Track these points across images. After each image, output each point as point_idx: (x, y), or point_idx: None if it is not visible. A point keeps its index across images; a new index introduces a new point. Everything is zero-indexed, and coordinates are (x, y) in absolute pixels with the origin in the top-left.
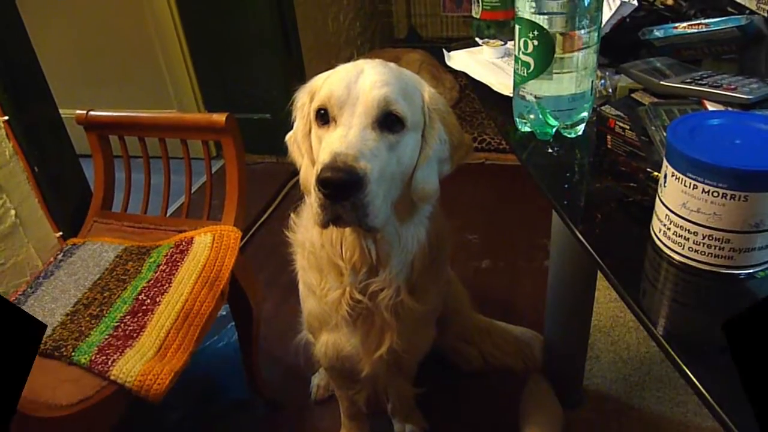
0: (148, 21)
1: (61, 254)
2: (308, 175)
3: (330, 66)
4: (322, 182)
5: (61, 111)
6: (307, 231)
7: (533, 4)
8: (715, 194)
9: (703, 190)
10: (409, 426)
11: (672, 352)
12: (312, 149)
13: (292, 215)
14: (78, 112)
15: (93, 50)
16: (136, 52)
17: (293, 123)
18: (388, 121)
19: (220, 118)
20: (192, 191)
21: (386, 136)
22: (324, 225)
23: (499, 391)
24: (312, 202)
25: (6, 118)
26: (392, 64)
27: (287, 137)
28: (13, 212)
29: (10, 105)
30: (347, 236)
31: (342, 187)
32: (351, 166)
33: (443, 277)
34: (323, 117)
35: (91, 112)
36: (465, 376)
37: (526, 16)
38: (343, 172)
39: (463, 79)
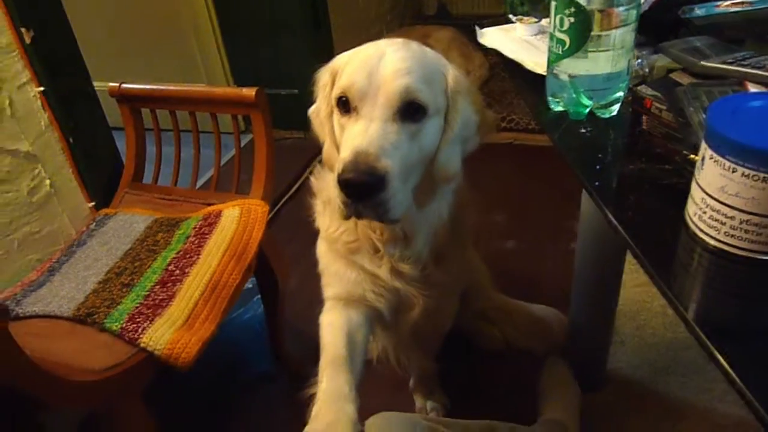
0: None
1: (94, 224)
2: (331, 155)
3: (359, 42)
4: (344, 183)
5: (94, 83)
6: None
7: None
8: (756, 178)
9: (743, 173)
10: (431, 402)
11: (703, 337)
12: (334, 133)
13: (312, 180)
14: (111, 84)
15: (125, 24)
16: (168, 26)
17: (315, 99)
18: (410, 110)
19: (249, 92)
20: (221, 165)
21: (408, 126)
22: (346, 218)
23: (519, 371)
24: (334, 196)
25: (42, 89)
26: (414, 45)
27: (310, 111)
28: (48, 182)
29: (46, 76)
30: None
31: (363, 188)
32: (372, 166)
33: (467, 247)
34: (345, 105)
35: (124, 85)
36: (486, 356)
37: None
38: (364, 174)
39: (493, 57)
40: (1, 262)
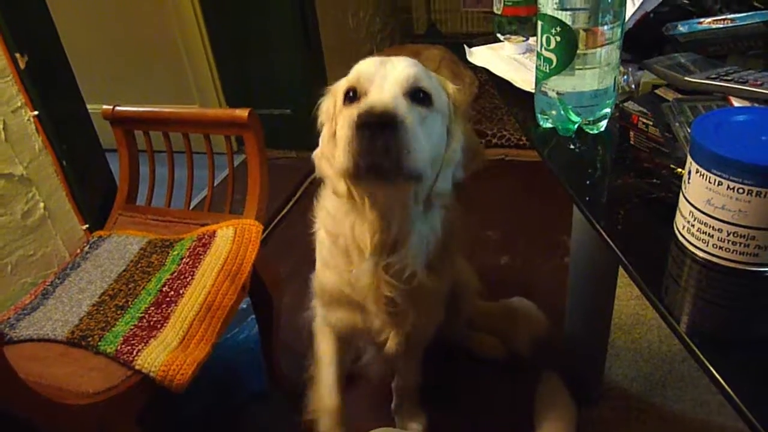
0: (171, 18)
1: (88, 246)
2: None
3: (351, 62)
4: (361, 120)
5: (88, 106)
6: (329, 216)
7: (556, 0)
8: (741, 191)
9: (729, 186)
10: (414, 424)
11: (695, 349)
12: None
13: (315, 202)
14: (104, 107)
15: (119, 47)
16: (160, 48)
17: (318, 135)
18: (417, 95)
19: (242, 113)
20: (214, 185)
21: (416, 108)
22: (357, 175)
23: (514, 386)
24: (343, 159)
25: (36, 112)
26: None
27: (314, 155)
28: (42, 205)
29: (40, 100)
30: (368, 215)
31: (381, 122)
32: (387, 107)
33: (454, 261)
34: (352, 98)
35: (117, 108)
36: (480, 370)
37: (549, 12)
38: (381, 112)
39: (482, 74)
40: None
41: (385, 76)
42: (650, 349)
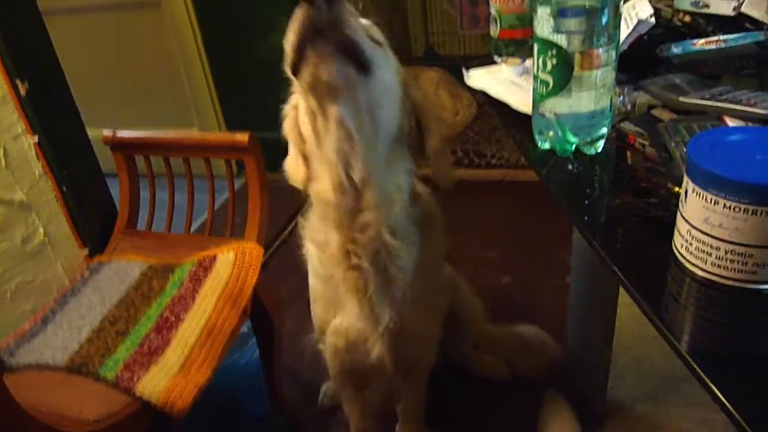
0: (171, 42)
1: (88, 271)
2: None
3: None
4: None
5: (88, 130)
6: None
7: (551, 24)
8: (737, 209)
9: (725, 205)
10: None
11: (697, 368)
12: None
13: (300, 219)
14: (105, 132)
15: (119, 71)
16: (160, 72)
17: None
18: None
19: (242, 137)
20: (215, 209)
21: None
22: (302, 55)
23: (518, 407)
24: (289, 48)
25: (37, 138)
26: None
27: (284, 163)
28: (41, 230)
29: (41, 126)
30: (327, 145)
31: None
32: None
33: (441, 263)
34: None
35: (118, 133)
36: (484, 391)
37: (544, 35)
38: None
39: (481, 96)
40: None
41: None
42: (653, 368)
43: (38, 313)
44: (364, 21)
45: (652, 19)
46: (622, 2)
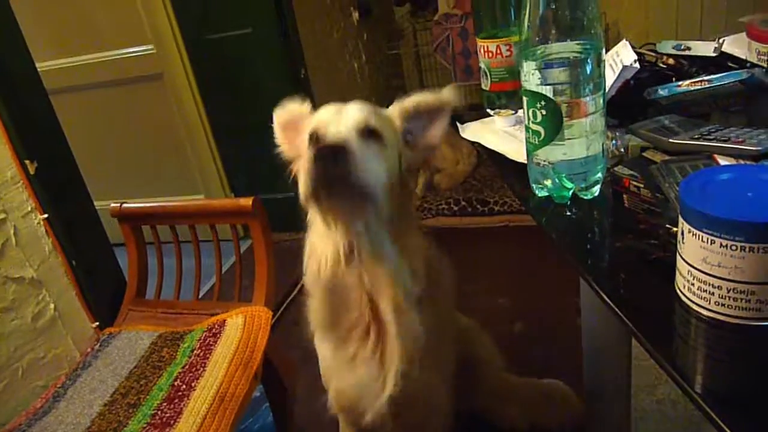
0: (174, 114)
1: (98, 344)
2: None
3: None
4: (316, 152)
5: (95, 203)
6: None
7: (538, 76)
8: (734, 248)
9: (721, 244)
10: None
11: (710, 411)
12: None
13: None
14: (112, 205)
15: (124, 144)
16: (165, 143)
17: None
18: (367, 133)
19: (246, 202)
20: (222, 272)
21: (367, 142)
22: (316, 197)
23: None
24: (303, 188)
25: (46, 216)
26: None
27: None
28: (52, 306)
29: (50, 204)
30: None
31: (333, 152)
32: (339, 138)
33: (450, 310)
34: (315, 141)
35: (125, 205)
36: None
37: (532, 87)
38: (333, 143)
39: (479, 145)
40: (5, 392)
41: (340, 120)
42: (676, 409)
43: (50, 390)
44: (366, 110)
45: (636, 64)
46: (604, 51)
